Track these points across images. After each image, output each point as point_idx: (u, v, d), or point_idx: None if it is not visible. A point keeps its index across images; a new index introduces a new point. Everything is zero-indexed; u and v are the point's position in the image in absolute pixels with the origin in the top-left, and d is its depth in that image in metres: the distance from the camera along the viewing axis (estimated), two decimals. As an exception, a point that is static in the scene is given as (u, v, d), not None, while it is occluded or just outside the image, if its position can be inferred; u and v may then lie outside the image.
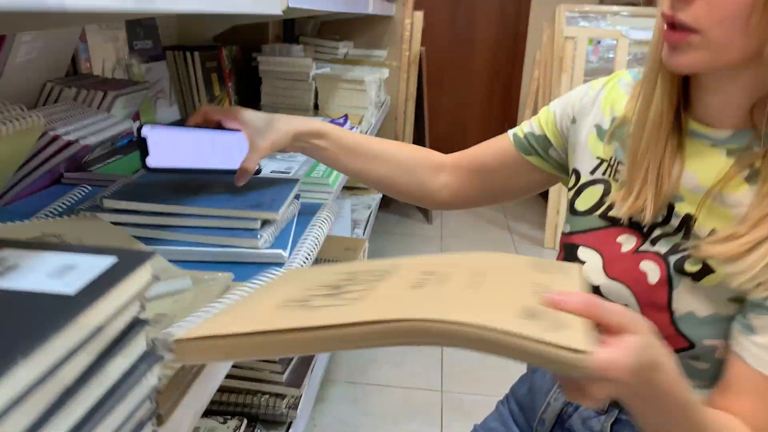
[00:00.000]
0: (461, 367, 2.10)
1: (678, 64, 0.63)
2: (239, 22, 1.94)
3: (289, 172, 1.13)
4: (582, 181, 0.80)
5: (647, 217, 0.71)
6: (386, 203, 3.61)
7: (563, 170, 0.88)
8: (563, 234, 0.82)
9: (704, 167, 0.69)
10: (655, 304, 0.70)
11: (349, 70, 2.09)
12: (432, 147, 3.81)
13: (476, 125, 4.40)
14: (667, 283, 0.69)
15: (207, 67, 1.79)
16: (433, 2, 4.02)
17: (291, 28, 2.47)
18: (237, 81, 1.99)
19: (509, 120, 4.32)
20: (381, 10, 2.23)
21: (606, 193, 0.77)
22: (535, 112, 3.50)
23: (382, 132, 3.10)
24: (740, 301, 0.66)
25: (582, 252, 0.77)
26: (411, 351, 2.15)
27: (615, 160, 0.77)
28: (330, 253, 1.63)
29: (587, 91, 0.83)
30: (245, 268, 0.79)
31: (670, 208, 0.71)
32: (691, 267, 0.67)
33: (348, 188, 2.47)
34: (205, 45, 1.86)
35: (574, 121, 0.83)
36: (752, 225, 0.63)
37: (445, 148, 4.07)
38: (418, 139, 3.37)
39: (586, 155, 0.81)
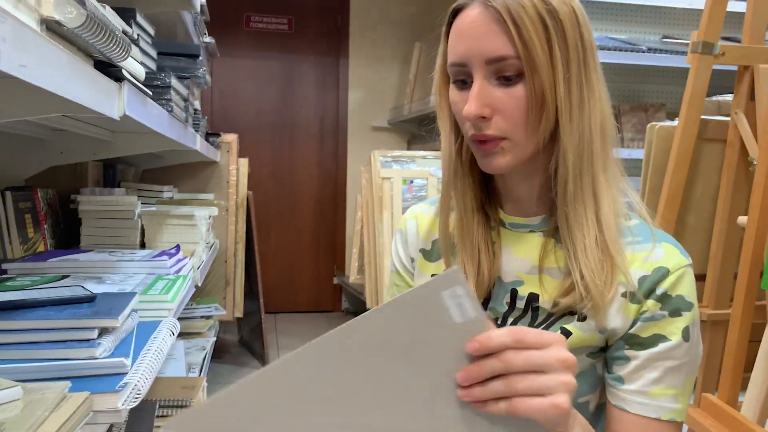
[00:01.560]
0: None
1: (497, 166, 0.75)
2: (55, 163, 1.86)
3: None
4: None
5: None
6: (219, 353, 3.44)
7: None
8: None
9: (530, 250, 0.80)
10: None
11: (176, 208, 2.07)
12: (264, 290, 3.70)
13: (306, 268, 4.46)
14: None
15: (20, 208, 1.67)
16: (257, 152, 4.17)
17: (112, 175, 2.41)
18: (53, 223, 1.88)
19: (338, 261, 4.45)
20: (205, 151, 2.28)
21: None
22: (361, 250, 3.65)
23: (212, 276, 3.02)
24: (594, 355, 0.76)
25: None
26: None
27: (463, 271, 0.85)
28: (166, 393, 1.50)
29: (402, 232, 0.93)
30: (86, 380, 0.72)
31: (513, 293, 0.79)
32: None
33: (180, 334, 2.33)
34: (18, 186, 1.75)
35: (413, 260, 0.92)
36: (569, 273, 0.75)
37: (278, 291, 4.05)
38: (250, 283, 3.33)
39: (421, 278, 0.89)
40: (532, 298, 0.78)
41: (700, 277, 1.87)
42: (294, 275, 4.45)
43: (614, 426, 0.75)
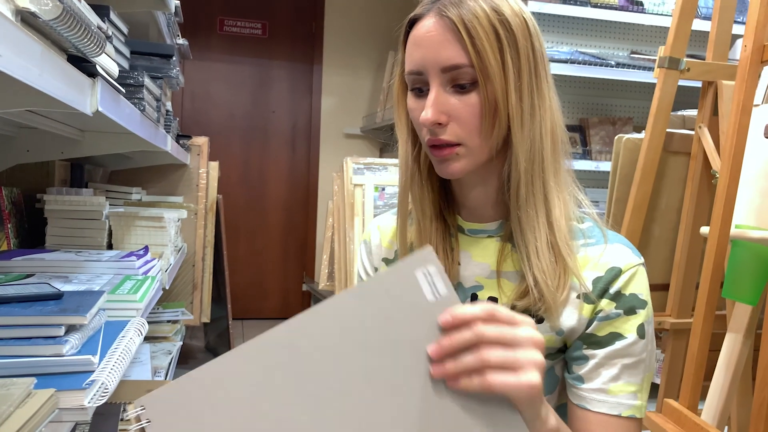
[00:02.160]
0: None
1: (453, 171, 0.77)
2: (22, 161, 1.83)
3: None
4: None
5: None
6: (184, 359, 3.40)
7: None
8: None
9: (489, 255, 0.82)
10: None
11: (145, 210, 2.04)
12: (232, 296, 3.68)
13: (275, 274, 4.44)
14: None
15: (-17, 205, 1.64)
16: (228, 156, 4.14)
17: (80, 175, 2.37)
18: (18, 222, 1.84)
19: (307, 267, 4.43)
20: (176, 153, 2.26)
21: None
22: (332, 256, 3.64)
23: (180, 280, 2.98)
24: (552, 356, 0.78)
25: None
26: None
27: None
28: (131, 396, 1.48)
29: (367, 243, 0.95)
30: (52, 378, 0.71)
31: (474, 298, 0.81)
32: None
33: (146, 337, 2.30)
34: (-19, 183, 1.71)
35: (377, 270, 0.93)
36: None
37: (246, 297, 4.02)
38: (218, 288, 3.30)
39: None
40: (492, 301, 0.80)
41: (663, 287, 1.92)
42: (263, 281, 4.42)
43: (577, 425, 0.76)
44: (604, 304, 0.75)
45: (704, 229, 1.51)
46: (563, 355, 0.79)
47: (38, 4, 0.62)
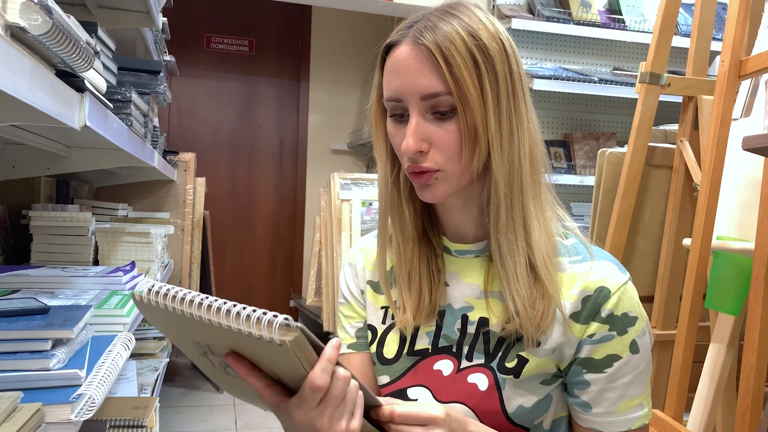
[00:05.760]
0: None
1: (434, 196, 0.78)
2: (7, 177, 1.82)
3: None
4: (379, 333, 0.87)
5: (410, 328, 0.81)
6: (170, 376, 3.37)
7: None
8: (384, 386, 0.85)
9: (477, 275, 0.82)
10: (490, 411, 0.77)
11: (132, 225, 2.04)
12: (220, 309, 3.69)
13: (262, 290, 4.42)
14: (496, 386, 0.77)
15: (-33, 222, 1.63)
16: (215, 172, 4.14)
17: (65, 191, 2.36)
18: (2, 239, 1.83)
19: (294, 283, 4.42)
20: (163, 169, 2.26)
21: (403, 333, 0.85)
22: (319, 272, 3.63)
23: (165, 297, 2.96)
24: (548, 382, 0.78)
25: (411, 392, 0.82)
26: None
27: (401, 302, 0.85)
28: (117, 413, 1.47)
29: (351, 265, 0.93)
30: (39, 392, 0.71)
31: (464, 319, 0.81)
32: (510, 363, 0.77)
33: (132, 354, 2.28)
34: (-34, 200, 1.70)
35: (362, 292, 0.92)
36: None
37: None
38: (205, 304, 3.27)
39: (372, 310, 0.89)
40: (483, 322, 0.80)
41: (648, 299, 1.94)
42: (250, 297, 4.39)
43: None
44: (597, 327, 0.75)
45: (686, 241, 1.54)
46: (558, 381, 0.79)
47: (28, 19, 0.63)
